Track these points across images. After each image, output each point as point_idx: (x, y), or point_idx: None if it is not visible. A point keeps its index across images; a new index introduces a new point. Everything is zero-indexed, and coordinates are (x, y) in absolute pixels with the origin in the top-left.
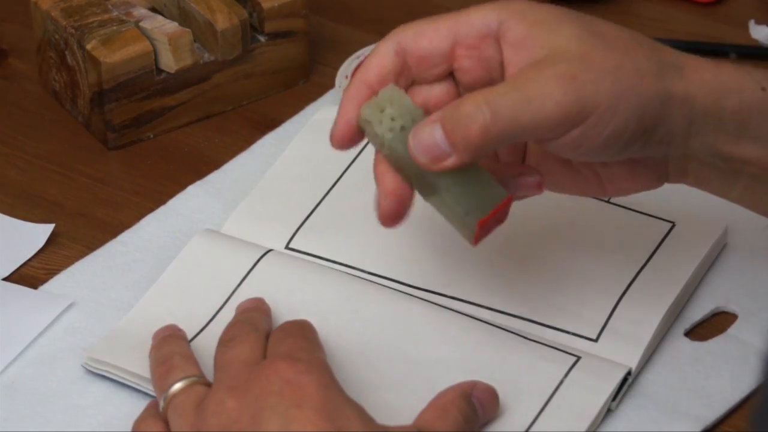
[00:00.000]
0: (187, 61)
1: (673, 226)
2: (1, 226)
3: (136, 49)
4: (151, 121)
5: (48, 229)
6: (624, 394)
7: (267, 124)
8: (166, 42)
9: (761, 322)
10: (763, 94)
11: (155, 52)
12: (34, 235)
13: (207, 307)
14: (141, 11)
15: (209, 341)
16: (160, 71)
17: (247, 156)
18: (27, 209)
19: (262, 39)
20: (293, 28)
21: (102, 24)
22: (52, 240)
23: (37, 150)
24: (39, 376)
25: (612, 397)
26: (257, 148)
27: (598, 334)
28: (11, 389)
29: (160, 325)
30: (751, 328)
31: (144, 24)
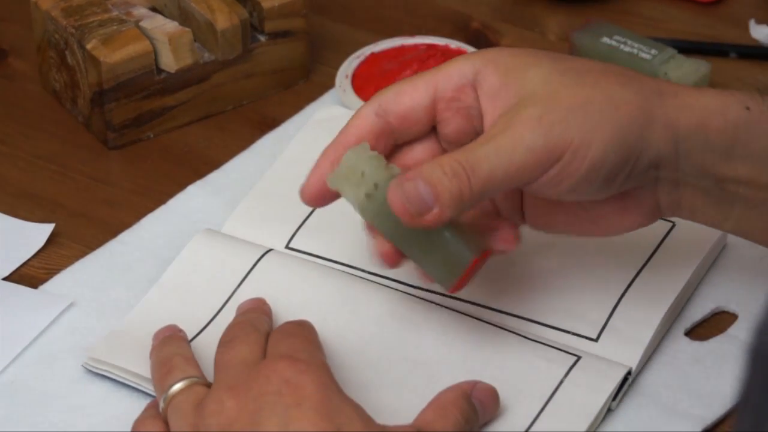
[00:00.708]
0: (187, 60)
1: (673, 226)
2: (1, 225)
3: (136, 48)
4: (151, 120)
5: (48, 228)
6: (624, 394)
7: (267, 124)
8: (167, 42)
9: None
10: (748, 113)
11: (155, 52)
12: (34, 234)
13: (208, 308)
14: (141, 11)
15: (210, 341)
16: (160, 71)
17: (247, 156)
18: (27, 209)
19: (262, 39)
20: (293, 27)
21: (102, 24)
22: (52, 240)
23: (37, 150)
24: (39, 376)
25: (612, 397)
26: (257, 148)
27: (599, 334)
28: (11, 389)
29: (160, 326)
30: (751, 328)
31: (144, 24)
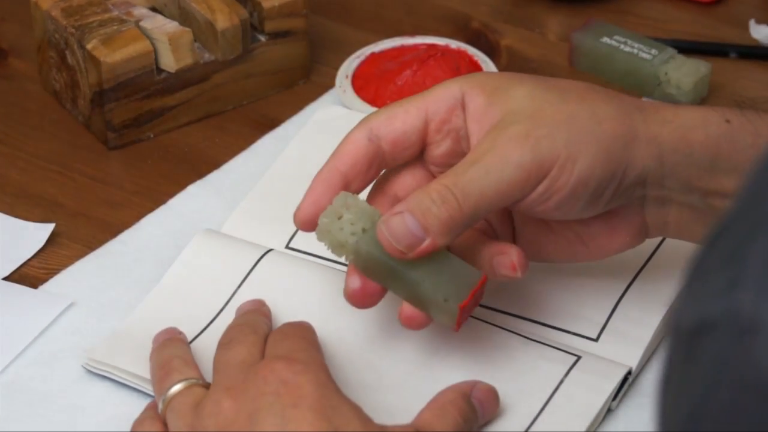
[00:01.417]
0: (187, 60)
1: None
2: (1, 225)
3: (136, 48)
4: (151, 120)
5: (48, 228)
6: (624, 394)
7: (267, 124)
8: (167, 42)
9: None
10: (729, 126)
11: (155, 52)
12: (34, 234)
13: (208, 309)
14: (141, 11)
15: (210, 342)
16: (160, 71)
17: (247, 156)
18: (27, 209)
19: (263, 39)
20: (293, 27)
21: (102, 24)
22: (52, 240)
23: (37, 150)
24: (39, 376)
25: (612, 397)
26: (257, 148)
27: (599, 334)
28: (11, 389)
29: (161, 327)
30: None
31: (144, 24)
